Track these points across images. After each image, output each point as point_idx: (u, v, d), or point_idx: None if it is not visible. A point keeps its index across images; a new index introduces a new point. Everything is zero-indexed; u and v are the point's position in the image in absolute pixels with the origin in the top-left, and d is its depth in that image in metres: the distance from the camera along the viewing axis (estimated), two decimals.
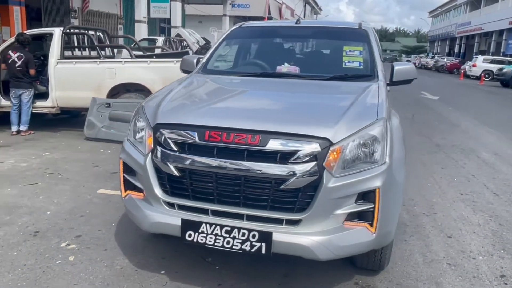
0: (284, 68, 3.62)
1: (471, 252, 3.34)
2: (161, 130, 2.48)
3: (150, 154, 2.51)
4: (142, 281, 2.77)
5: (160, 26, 22.52)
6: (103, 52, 7.58)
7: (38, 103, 7.05)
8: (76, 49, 7.79)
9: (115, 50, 8.39)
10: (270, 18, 30.83)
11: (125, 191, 2.73)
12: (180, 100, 2.87)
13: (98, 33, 8.13)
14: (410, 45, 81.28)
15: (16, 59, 6.65)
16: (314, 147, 2.24)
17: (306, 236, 2.27)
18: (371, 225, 2.34)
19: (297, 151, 2.24)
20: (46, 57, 7.13)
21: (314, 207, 2.24)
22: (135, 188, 2.67)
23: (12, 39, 6.90)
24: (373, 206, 2.31)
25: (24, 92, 6.80)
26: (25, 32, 7.17)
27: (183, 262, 3.01)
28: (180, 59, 4.00)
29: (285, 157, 2.25)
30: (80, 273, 2.84)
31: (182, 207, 2.47)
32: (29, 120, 7.00)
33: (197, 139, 2.36)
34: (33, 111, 7.01)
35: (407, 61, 65.64)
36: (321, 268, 2.95)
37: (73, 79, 6.81)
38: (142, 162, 2.53)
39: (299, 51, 3.97)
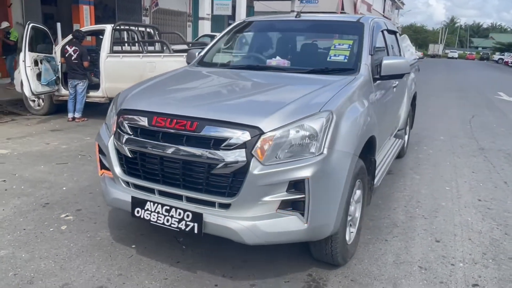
0: (274, 61, 3.69)
1: (453, 258, 3.15)
2: (122, 115, 2.74)
3: (112, 136, 2.78)
4: (112, 252, 3.06)
5: (229, 22, 23.24)
6: (151, 48, 8.15)
7: (91, 93, 7.81)
8: (126, 44, 8.47)
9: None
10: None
11: (101, 169, 3.03)
12: (150, 88, 3.10)
13: (148, 29, 8.74)
14: (505, 41, 73.94)
15: (72, 53, 7.44)
16: (244, 135, 2.33)
17: (235, 220, 2.37)
18: (303, 215, 2.37)
19: (227, 138, 2.34)
20: None
21: (241, 192, 2.33)
22: (107, 168, 2.97)
23: (70, 36, 7.72)
24: (303, 196, 2.33)
25: (79, 83, 7.58)
26: (81, 29, 7.97)
27: (156, 239, 3.25)
28: None
29: (217, 143, 2.37)
30: (64, 240, 3.22)
31: (135, 186, 2.70)
32: (83, 108, 7.80)
33: (146, 124, 2.57)
34: (86, 100, 7.79)
35: (500, 59, 59.77)
36: (283, 255, 3.02)
37: (119, 72, 7.44)
38: (106, 143, 2.81)
39: (294, 45, 4.00)
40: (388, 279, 2.84)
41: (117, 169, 2.75)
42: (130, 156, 2.65)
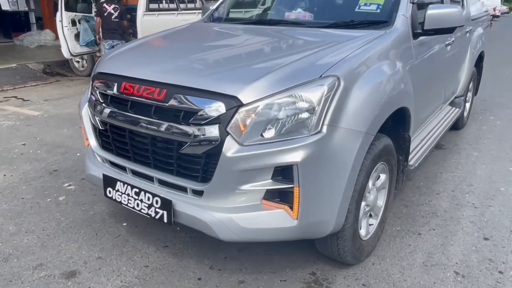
0: (293, 14, 3.08)
1: (503, 264, 2.50)
2: (95, 79, 2.36)
3: (87, 104, 2.43)
4: (100, 229, 2.81)
5: None
6: (191, 5, 7.71)
7: None
8: (163, 1, 8.08)
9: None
10: None
11: (86, 140, 2.72)
12: (134, 48, 2.67)
13: None
14: None
15: (112, 11, 7.20)
16: (217, 107, 1.84)
17: (208, 211, 1.94)
18: (292, 208, 1.88)
19: (197, 110, 1.87)
20: None
21: (214, 178, 1.88)
22: None
23: None
24: (292, 186, 1.83)
25: (118, 44, 7.39)
26: None
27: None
28: None
29: (187, 116, 1.91)
30: (57, 212, 3.02)
31: (111, 162, 2.36)
32: None
33: (114, 91, 2.17)
34: None
35: None
36: (286, 248, 2.57)
37: (155, 30, 7.10)
38: (81, 112, 2.47)
39: None
40: (411, 287, 2.29)
41: (92, 142, 2.42)
42: (101, 128, 2.29)
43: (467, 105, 5.00)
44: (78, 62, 8.31)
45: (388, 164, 2.44)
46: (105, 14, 7.28)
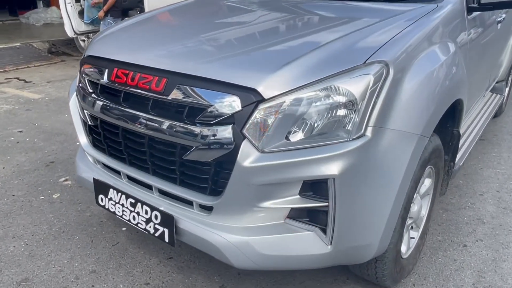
0: None
1: None
2: (84, 64, 1.95)
3: (75, 93, 2.04)
4: (96, 235, 2.46)
5: None
6: None
7: None
8: None
9: None
10: None
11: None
12: (131, 27, 2.25)
13: None
14: None
15: None
16: (231, 102, 1.43)
17: (217, 230, 1.55)
18: (325, 232, 1.48)
19: (206, 106, 1.47)
20: None
21: (227, 192, 1.49)
22: None
23: None
24: (326, 204, 1.43)
25: (117, 21, 6.94)
26: None
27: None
28: None
29: (193, 113, 1.50)
30: (50, 213, 2.68)
31: (103, 164, 1.98)
32: None
33: (105, 78, 1.77)
34: None
35: None
36: None
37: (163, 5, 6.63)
38: (69, 102, 2.08)
39: None
40: None
41: (82, 139, 2.03)
42: (91, 123, 1.90)
43: (506, 90, 4.49)
44: (83, 41, 7.90)
45: (435, 167, 2.02)
46: None
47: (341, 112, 1.42)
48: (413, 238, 2.11)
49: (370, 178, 1.45)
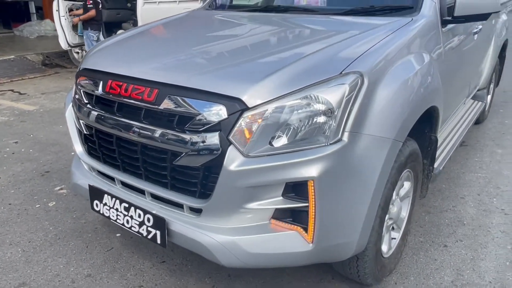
0: (304, 0, 2.76)
1: None
2: (80, 76, 2.06)
3: (71, 104, 2.14)
4: (91, 241, 2.54)
5: None
6: None
7: None
8: None
9: None
10: None
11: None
12: (125, 41, 2.36)
13: None
14: None
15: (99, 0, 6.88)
16: (218, 110, 1.54)
17: (206, 231, 1.65)
18: (306, 230, 1.59)
19: (195, 115, 1.58)
20: None
21: (215, 195, 1.59)
22: None
23: None
24: (306, 204, 1.54)
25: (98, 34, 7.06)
26: None
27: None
28: None
29: (183, 122, 1.62)
30: (46, 221, 2.76)
31: (98, 171, 2.07)
32: None
33: (99, 90, 1.88)
34: None
35: None
36: None
37: (156, 19, 6.78)
38: (65, 113, 2.18)
39: None
40: None
41: (78, 147, 2.13)
42: (86, 132, 2.00)
43: (488, 97, 4.65)
44: (77, 53, 8.02)
45: (413, 171, 2.14)
46: (100, 7, 6.96)
47: (320, 119, 1.54)
48: (395, 238, 2.22)
49: (347, 180, 1.56)
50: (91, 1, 6.79)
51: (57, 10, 6.64)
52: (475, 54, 3.35)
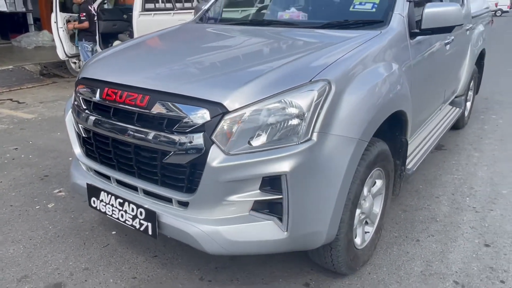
0: (287, 14, 2.99)
1: (505, 272, 2.40)
2: (79, 85, 2.27)
3: (71, 110, 2.34)
4: (88, 238, 2.72)
5: None
6: (188, 4, 7.60)
7: None
8: (159, 1, 7.97)
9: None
10: None
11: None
12: (120, 52, 2.58)
13: None
14: None
15: (93, 12, 7.12)
16: (202, 114, 1.75)
17: (193, 223, 1.85)
18: (281, 220, 1.79)
19: (181, 118, 1.78)
20: None
21: (200, 189, 1.79)
22: None
23: None
24: (280, 196, 1.74)
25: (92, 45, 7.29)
26: None
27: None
28: None
29: (171, 124, 1.82)
30: (45, 220, 2.94)
31: (95, 171, 2.27)
32: None
33: (97, 97, 2.08)
34: None
35: None
36: (279, 257, 2.46)
37: (151, 30, 7.01)
38: (65, 118, 2.39)
39: None
40: None
41: (77, 150, 2.33)
42: (84, 135, 2.20)
43: (468, 104, 4.89)
44: (74, 63, 8.24)
45: (384, 170, 2.35)
46: (94, 18, 7.20)
47: (292, 121, 1.74)
48: (368, 232, 2.42)
49: (316, 175, 1.77)
50: (84, 14, 7.03)
51: (55, 22, 6.87)
52: (449, 63, 3.58)
